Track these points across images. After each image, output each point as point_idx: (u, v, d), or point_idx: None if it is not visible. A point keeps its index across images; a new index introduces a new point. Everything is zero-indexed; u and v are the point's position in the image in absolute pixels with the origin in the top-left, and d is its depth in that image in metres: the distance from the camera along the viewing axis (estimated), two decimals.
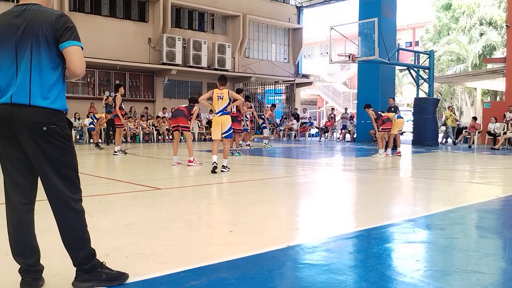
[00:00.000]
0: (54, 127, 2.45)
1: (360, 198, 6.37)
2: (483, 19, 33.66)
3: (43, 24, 2.44)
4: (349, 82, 43.95)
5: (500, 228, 4.47)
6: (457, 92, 36.28)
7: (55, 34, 2.45)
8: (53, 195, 2.51)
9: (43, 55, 2.45)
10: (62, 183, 2.50)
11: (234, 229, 4.17)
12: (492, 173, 9.62)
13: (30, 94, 2.42)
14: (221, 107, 8.56)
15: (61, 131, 2.48)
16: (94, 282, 2.61)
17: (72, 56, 2.48)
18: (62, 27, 2.46)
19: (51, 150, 2.45)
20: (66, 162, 2.51)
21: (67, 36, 2.46)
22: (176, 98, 24.21)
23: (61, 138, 2.48)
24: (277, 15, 28.57)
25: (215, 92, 8.65)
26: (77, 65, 2.49)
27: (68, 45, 2.46)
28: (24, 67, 2.43)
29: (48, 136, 2.44)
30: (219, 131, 8.64)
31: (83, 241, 2.59)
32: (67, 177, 2.52)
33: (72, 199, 2.53)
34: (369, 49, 17.58)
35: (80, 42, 2.52)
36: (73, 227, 2.55)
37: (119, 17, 22.00)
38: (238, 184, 7.63)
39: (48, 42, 2.45)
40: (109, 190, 6.50)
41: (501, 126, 17.69)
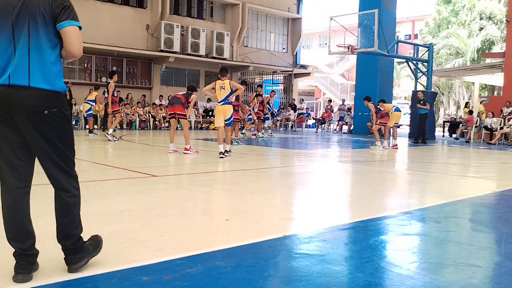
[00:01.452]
0: (55, 110, 2.44)
1: (357, 190, 6.38)
2: (483, 13, 33.60)
3: (40, 3, 2.40)
4: (347, 73, 43.87)
5: (495, 222, 4.48)
6: (455, 86, 36.31)
7: (52, 12, 2.41)
8: (56, 173, 2.51)
9: (41, 35, 2.41)
10: (63, 162, 2.51)
11: (230, 218, 4.17)
12: (488, 168, 9.64)
13: (29, 75, 2.38)
14: (223, 96, 9.10)
15: (61, 113, 2.48)
16: (87, 256, 2.66)
17: (70, 36, 2.45)
18: (60, 6, 2.42)
19: (53, 132, 2.45)
20: (66, 142, 2.52)
21: (65, 16, 2.43)
22: (173, 86, 24.10)
23: (61, 120, 2.48)
24: (277, 5, 28.39)
25: (217, 82, 9.20)
26: (75, 45, 2.47)
27: (67, 25, 2.43)
28: (22, 47, 2.39)
29: (49, 119, 2.42)
30: (222, 118, 9.20)
31: (78, 221, 2.62)
32: (68, 156, 2.54)
33: (72, 176, 2.56)
34: (369, 41, 17.52)
35: (78, 22, 2.48)
36: (74, 205, 2.57)
37: (117, 2, 21.80)
38: (235, 173, 7.62)
39: (45, 21, 2.41)
40: (104, 176, 6.47)
41: (498, 121, 17.72)
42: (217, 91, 9.18)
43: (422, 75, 20.15)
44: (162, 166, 8.06)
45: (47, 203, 2.56)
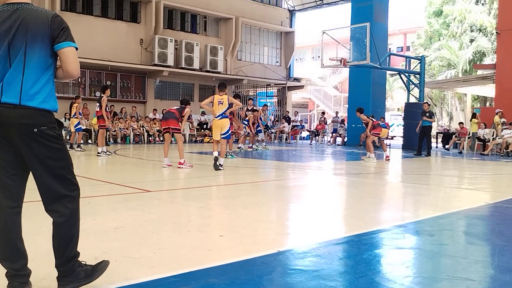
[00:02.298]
0: (45, 128, 2.43)
1: (350, 203, 6.38)
2: (474, 25, 33.99)
3: (38, 24, 2.43)
4: (340, 86, 44.10)
5: (489, 235, 4.49)
6: (448, 97, 36.57)
7: (51, 34, 2.44)
8: (47, 193, 2.49)
9: (37, 55, 2.43)
10: (56, 182, 2.49)
11: (224, 233, 4.16)
12: (481, 179, 9.69)
13: (21, 94, 2.39)
14: (221, 111, 9.36)
15: (52, 132, 2.47)
16: (76, 282, 2.58)
17: (68, 57, 2.48)
18: (58, 27, 2.46)
19: (44, 151, 2.44)
20: (58, 161, 2.50)
21: (64, 37, 2.47)
22: (167, 100, 24.14)
23: (52, 138, 2.47)
24: (270, 19, 28.63)
25: (215, 97, 9.40)
26: (73, 65, 2.51)
27: (65, 46, 2.47)
28: (17, 66, 2.41)
29: (39, 138, 2.42)
30: (219, 132, 9.43)
31: (73, 241, 2.58)
32: (61, 176, 2.51)
33: (67, 196, 2.52)
34: (361, 54, 17.66)
35: (75, 43, 2.53)
36: (67, 225, 2.53)
37: (111, 17, 21.91)
38: (229, 187, 7.62)
39: (43, 41, 2.43)
40: (98, 192, 6.45)
41: (490, 131, 17.83)
42: (215, 106, 9.37)
43: (414, 87, 20.29)
44: (156, 181, 8.04)
45: (40, 221, 2.55)
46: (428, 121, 15.62)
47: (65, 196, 2.52)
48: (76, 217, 2.58)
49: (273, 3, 29.46)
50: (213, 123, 9.62)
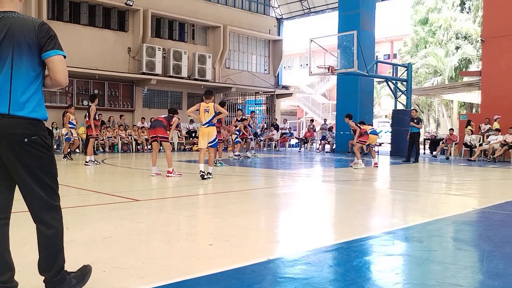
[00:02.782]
0: (35, 138, 2.42)
1: (340, 210, 6.40)
2: (459, 33, 34.45)
3: (25, 32, 2.40)
4: (328, 93, 44.37)
5: (477, 240, 4.52)
6: (434, 104, 36.94)
7: (38, 42, 2.42)
8: (36, 204, 2.47)
9: (25, 63, 2.41)
10: (44, 192, 2.47)
11: (214, 242, 4.14)
12: (468, 185, 9.77)
13: (10, 103, 2.37)
14: (207, 119, 9.24)
15: (42, 141, 2.45)
16: None
17: (57, 65, 2.47)
18: (45, 36, 2.44)
19: (33, 160, 2.42)
20: (48, 172, 2.49)
21: (51, 45, 2.45)
22: (155, 108, 24.08)
23: (42, 148, 2.45)
24: (258, 27, 28.75)
25: (202, 105, 9.27)
26: (61, 74, 2.49)
27: (53, 54, 2.45)
28: (4, 75, 2.38)
29: (30, 147, 2.40)
30: (206, 141, 9.29)
31: (59, 253, 2.55)
32: (49, 186, 2.49)
33: (54, 207, 2.51)
34: (348, 61, 17.78)
35: (63, 51, 2.51)
36: (55, 236, 2.51)
37: (98, 26, 21.83)
38: (218, 195, 7.59)
39: (30, 50, 2.41)
40: (86, 202, 6.39)
41: (477, 138, 18.02)
42: (201, 114, 9.28)
43: (401, 94, 20.46)
44: (144, 190, 7.99)
45: (28, 231, 2.52)
46: (416, 128, 15.72)
47: (52, 207, 2.51)
48: (62, 227, 2.58)
49: (261, 12, 29.61)
50: (200, 131, 9.50)
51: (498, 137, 16.83)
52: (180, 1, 24.70)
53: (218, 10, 26.51)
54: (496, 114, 17.86)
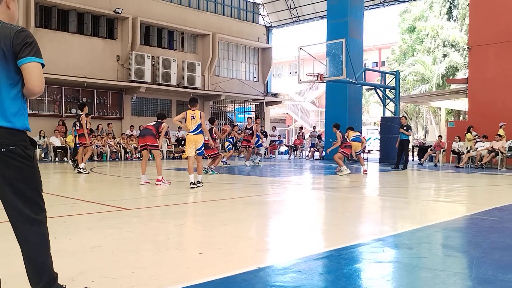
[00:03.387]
0: (14, 148, 2.34)
1: (329, 217, 6.40)
2: (446, 41, 34.84)
3: (1, 39, 2.35)
4: (317, 101, 44.54)
5: (466, 247, 4.55)
6: (422, 111, 37.24)
7: (13, 49, 2.35)
8: (15, 217, 2.41)
9: (2, 71, 2.35)
10: (24, 205, 2.39)
11: (204, 251, 4.11)
12: (457, 191, 9.84)
13: None
14: (194, 126, 9.20)
15: (21, 152, 2.37)
16: None
17: (30, 73, 2.38)
18: (21, 42, 2.36)
19: (12, 171, 2.35)
20: (28, 183, 2.41)
21: (26, 52, 2.37)
22: (144, 116, 23.98)
23: (21, 159, 2.38)
24: (247, 35, 28.85)
25: (188, 113, 9.26)
26: (34, 82, 2.38)
27: (27, 61, 2.37)
28: None
29: (8, 158, 2.33)
30: (193, 148, 9.25)
31: (46, 265, 2.49)
32: (29, 199, 2.42)
33: (35, 221, 2.43)
34: (337, 69, 17.88)
35: (40, 59, 2.42)
36: (37, 250, 2.45)
37: (87, 34, 21.75)
38: (208, 203, 7.57)
39: (6, 58, 2.35)
40: (74, 211, 6.33)
41: (464, 144, 18.18)
42: (188, 121, 9.25)
43: (390, 102, 20.61)
44: (134, 199, 7.94)
45: (12, 241, 2.48)
46: (406, 135, 15.82)
47: (33, 221, 2.43)
48: (45, 241, 2.50)
49: (250, 20, 29.73)
50: (187, 139, 9.41)
51: (486, 144, 17.00)
52: (169, 9, 24.73)
53: (207, 18, 26.58)
54: (483, 121, 18.07)
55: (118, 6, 22.07)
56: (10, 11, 2.53)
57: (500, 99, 18.02)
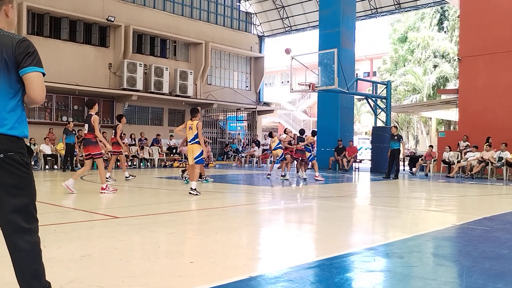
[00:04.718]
0: (12, 154, 2.35)
1: (321, 226, 6.40)
2: (437, 52, 35.20)
3: (3, 49, 2.37)
4: (309, 110, 44.71)
5: (456, 256, 4.57)
6: (413, 121, 37.48)
7: (15, 59, 2.38)
8: (7, 225, 2.39)
9: (3, 80, 2.37)
10: (17, 213, 2.38)
11: (195, 260, 4.09)
12: (447, 201, 9.88)
13: None
14: (191, 136, 9.59)
15: (19, 159, 2.39)
16: None
17: (32, 83, 2.41)
18: (23, 52, 2.39)
19: (8, 178, 2.35)
20: (23, 191, 2.41)
21: (28, 62, 2.39)
22: (136, 124, 23.94)
23: (19, 166, 2.38)
24: (239, 44, 28.97)
25: (187, 123, 9.74)
26: (36, 91, 2.43)
27: (29, 71, 2.40)
28: None
29: (6, 164, 2.34)
30: (192, 156, 9.62)
31: (37, 274, 2.46)
32: (23, 207, 2.40)
33: (27, 230, 2.41)
34: (329, 79, 17.96)
35: (42, 68, 2.45)
36: (28, 259, 2.42)
37: (79, 41, 21.72)
38: (200, 212, 7.53)
39: (7, 67, 2.37)
40: (64, 219, 6.27)
41: (455, 154, 18.31)
42: (186, 131, 9.73)
43: (381, 111, 20.72)
44: (124, 207, 7.89)
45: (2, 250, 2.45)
46: (397, 144, 15.85)
47: (25, 230, 2.41)
48: (37, 251, 2.47)
49: (242, 29, 29.86)
50: (188, 148, 9.88)
51: (476, 154, 17.12)
52: (162, 17, 24.78)
53: (200, 27, 26.66)
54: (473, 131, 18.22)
55: (111, 14, 22.09)
56: (9, 19, 2.54)
57: (490, 109, 18.20)
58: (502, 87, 18.10)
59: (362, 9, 27.08)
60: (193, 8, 26.86)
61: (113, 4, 22.68)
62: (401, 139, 16.03)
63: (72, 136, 16.51)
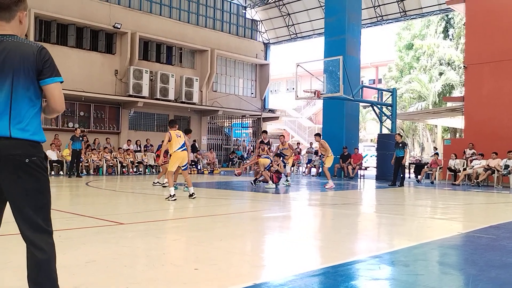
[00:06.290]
0: (34, 158, 2.41)
1: (326, 234, 6.38)
2: (442, 59, 35.15)
3: (24, 57, 2.41)
4: (314, 117, 44.69)
5: (462, 264, 4.54)
6: (419, 128, 37.37)
7: (36, 67, 2.43)
8: (28, 225, 2.43)
9: (24, 88, 2.41)
10: (39, 215, 2.44)
11: (200, 267, 4.09)
12: (453, 209, 9.83)
13: (10, 126, 2.38)
14: (181, 143, 9.75)
15: (40, 163, 2.45)
16: None
17: (53, 94, 2.48)
18: (43, 61, 2.45)
19: (32, 182, 2.41)
20: (44, 194, 2.47)
21: (49, 72, 2.46)
22: (141, 131, 24.02)
23: (40, 169, 2.45)
24: (245, 51, 29.06)
25: (172, 132, 9.80)
26: (58, 101, 2.50)
27: (50, 82, 2.46)
28: (4, 99, 2.39)
29: (29, 168, 2.39)
30: (178, 164, 9.69)
31: (53, 278, 2.50)
32: (42, 209, 2.47)
33: (46, 231, 2.48)
34: (334, 86, 17.97)
35: (60, 77, 2.52)
36: (46, 261, 2.46)
37: (86, 48, 21.87)
38: (204, 218, 7.53)
39: (29, 75, 2.42)
40: (69, 225, 6.29)
41: (461, 162, 18.23)
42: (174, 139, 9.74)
43: (387, 119, 20.68)
44: (129, 213, 7.90)
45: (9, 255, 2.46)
46: (401, 152, 15.76)
47: (44, 230, 2.47)
48: (54, 252, 2.52)
49: (248, 36, 29.96)
50: (175, 155, 9.68)
51: (482, 162, 17.04)
52: (168, 24, 24.91)
53: (205, 34, 26.77)
54: (479, 138, 18.14)
55: (117, 21, 22.23)
56: (22, 25, 2.59)
57: (496, 117, 18.13)
58: (508, 95, 18.04)
59: (368, 16, 27.12)
60: (199, 15, 27.00)
61: (119, 12, 22.84)
62: (405, 147, 15.96)
63: (79, 142, 16.55)
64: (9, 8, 2.47)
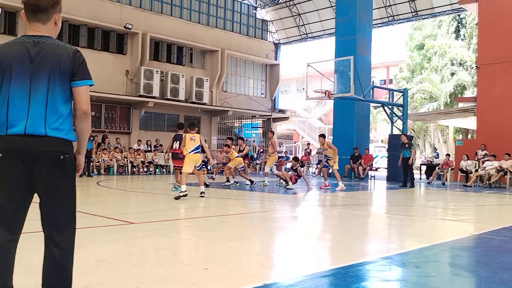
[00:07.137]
0: (67, 156, 2.48)
1: (336, 234, 6.35)
2: (454, 59, 34.87)
3: (60, 58, 2.46)
4: (324, 117, 44.58)
5: (474, 266, 4.48)
6: (430, 129, 37.11)
7: (71, 69, 2.48)
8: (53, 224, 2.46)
9: (59, 88, 2.46)
10: (67, 213, 2.52)
11: (209, 266, 4.08)
12: (465, 210, 9.74)
13: (46, 125, 2.42)
14: (194, 146, 9.92)
15: (71, 161, 2.52)
16: None
17: (82, 95, 2.53)
18: (77, 63, 2.51)
19: (65, 178, 2.47)
20: (74, 192, 2.56)
21: (82, 75, 2.52)
22: (152, 131, 24.12)
23: (71, 168, 2.52)
24: (255, 51, 29.06)
25: (187, 136, 10.03)
26: (85, 103, 2.55)
27: (81, 85, 2.52)
28: (40, 99, 2.43)
29: (63, 165, 2.45)
30: (193, 165, 9.89)
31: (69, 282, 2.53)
32: (72, 206, 2.55)
33: (70, 229, 2.54)
34: (345, 86, 17.91)
35: (91, 80, 2.57)
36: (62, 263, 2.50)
37: (97, 48, 22.02)
38: (214, 218, 7.53)
39: (64, 76, 2.47)
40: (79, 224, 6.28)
41: (472, 163, 18.06)
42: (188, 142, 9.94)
43: (398, 119, 20.56)
44: (139, 213, 7.92)
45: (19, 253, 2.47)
46: (408, 152, 15.62)
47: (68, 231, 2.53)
48: (73, 256, 2.57)
49: (258, 36, 29.96)
50: (188, 157, 9.88)
51: (494, 163, 16.87)
52: (178, 25, 25.00)
53: (216, 35, 26.82)
54: (492, 139, 17.96)
55: (128, 21, 22.35)
56: (56, 27, 2.63)
57: (509, 118, 17.94)
58: None
59: (379, 16, 26.99)
60: (209, 15, 27.06)
61: (130, 12, 22.96)
62: (412, 147, 15.81)
63: (90, 142, 16.66)
64: (47, 10, 2.51)
